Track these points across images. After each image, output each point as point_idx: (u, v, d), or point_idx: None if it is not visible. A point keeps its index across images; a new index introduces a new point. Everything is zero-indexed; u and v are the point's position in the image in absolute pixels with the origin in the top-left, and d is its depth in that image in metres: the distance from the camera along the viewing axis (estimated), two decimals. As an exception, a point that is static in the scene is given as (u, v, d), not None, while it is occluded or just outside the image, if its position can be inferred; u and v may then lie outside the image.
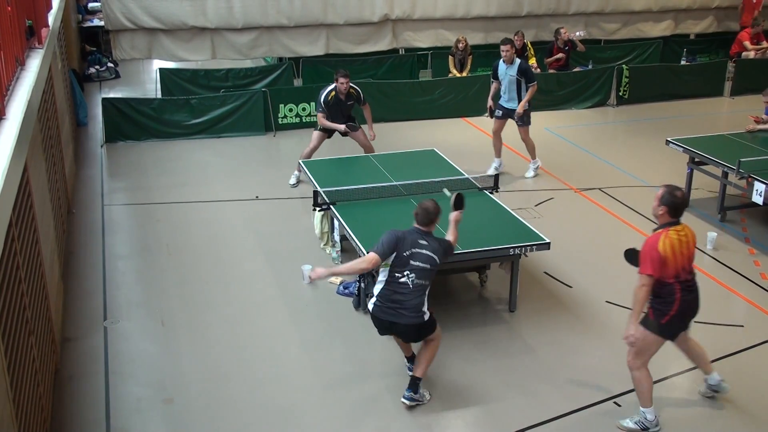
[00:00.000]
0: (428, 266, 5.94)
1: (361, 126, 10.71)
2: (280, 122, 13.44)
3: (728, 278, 8.39)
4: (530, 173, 11.26)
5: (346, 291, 7.91)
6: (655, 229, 5.69)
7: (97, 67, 17.02)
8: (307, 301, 7.92)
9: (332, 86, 10.42)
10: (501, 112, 11.27)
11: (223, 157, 12.16)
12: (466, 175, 8.90)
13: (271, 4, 14.19)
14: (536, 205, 10.17)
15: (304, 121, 13.57)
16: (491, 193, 8.51)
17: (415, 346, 6.46)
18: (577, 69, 15.43)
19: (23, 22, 6.95)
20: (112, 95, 14.61)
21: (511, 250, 7.20)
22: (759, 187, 8.82)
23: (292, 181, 10.86)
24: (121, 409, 6.16)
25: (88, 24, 18.31)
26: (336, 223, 8.20)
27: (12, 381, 4.63)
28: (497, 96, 11.34)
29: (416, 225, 6.08)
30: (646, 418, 5.90)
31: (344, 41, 15.15)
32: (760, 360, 6.96)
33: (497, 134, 11.34)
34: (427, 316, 6.01)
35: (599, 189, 10.84)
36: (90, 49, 17.53)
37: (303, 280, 8.15)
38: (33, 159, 6.51)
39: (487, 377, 6.61)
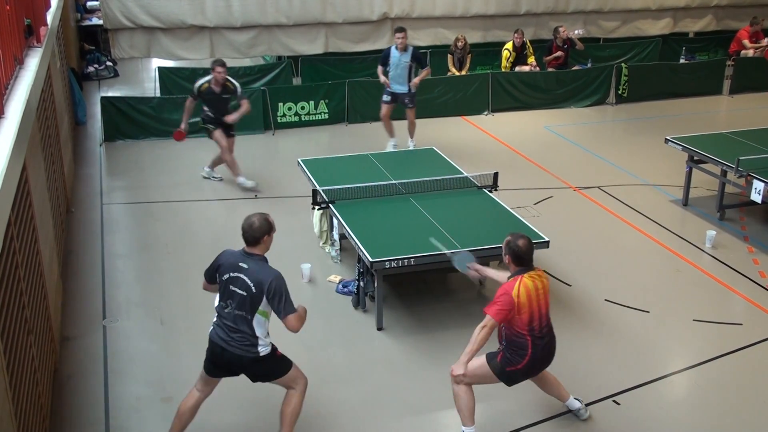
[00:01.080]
0: (244, 293, 5.24)
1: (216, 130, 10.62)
2: (279, 121, 13.43)
3: (727, 276, 8.39)
4: (390, 148, 11.85)
5: (345, 290, 7.91)
6: (509, 277, 5.45)
7: (96, 65, 17.01)
8: (306, 299, 7.91)
9: (209, 77, 10.46)
10: (389, 97, 11.85)
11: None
12: (465, 174, 8.90)
13: (270, 3, 14.19)
14: (535, 204, 10.17)
15: (303, 119, 13.56)
16: (490, 191, 8.51)
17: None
18: (576, 67, 15.43)
19: (22, 21, 6.95)
20: (111, 94, 14.60)
21: (510, 248, 7.19)
22: (758, 185, 8.82)
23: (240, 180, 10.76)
24: (120, 408, 6.17)
25: (87, 23, 18.30)
26: (335, 221, 8.20)
27: (11, 380, 4.63)
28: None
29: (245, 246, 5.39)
30: None
31: (343, 40, 15.15)
32: (760, 358, 6.96)
33: (386, 118, 11.96)
34: (263, 351, 5.34)
35: (598, 187, 10.84)
36: (89, 48, 17.52)
37: (302, 278, 8.15)
38: (32, 158, 6.50)
39: (486, 376, 6.61)
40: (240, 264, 5.35)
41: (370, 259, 6.84)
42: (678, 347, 7.17)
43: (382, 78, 11.81)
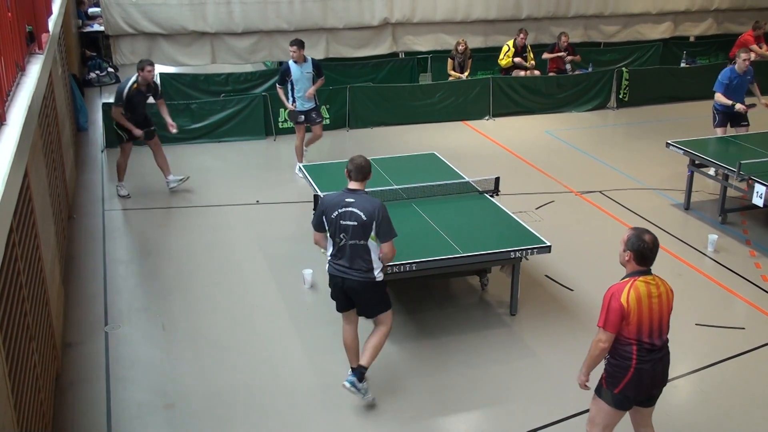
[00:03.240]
0: (356, 223, 5.87)
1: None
2: (280, 126, 13.44)
3: (729, 280, 8.38)
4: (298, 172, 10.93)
5: (347, 295, 7.90)
6: (623, 278, 4.94)
7: (98, 72, 17.04)
8: (308, 305, 7.92)
9: (135, 77, 10.25)
10: (303, 116, 11.21)
11: (224, 162, 12.17)
12: (467, 179, 8.90)
13: (271, 9, 14.21)
14: (537, 208, 10.16)
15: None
16: (492, 196, 8.51)
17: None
18: (577, 72, 15.45)
19: (23, 28, 6.95)
20: (112, 100, 14.58)
21: (512, 253, 7.20)
22: (759, 189, 8.82)
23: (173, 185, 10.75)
24: (122, 415, 6.16)
25: (88, 29, 18.32)
26: (336, 227, 8.19)
27: (13, 387, 4.63)
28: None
29: (351, 181, 6.04)
30: None
31: (344, 45, 15.17)
32: (762, 362, 6.95)
33: (302, 141, 11.38)
34: (379, 277, 6.01)
35: (600, 192, 10.84)
36: (90, 54, 17.54)
37: (304, 284, 8.15)
38: (33, 164, 6.51)
39: (488, 380, 6.61)
40: (346, 200, 5.94)
41: (372, 265, 6.84)
42: (680, 352, 7.15)
43: (288, 103, 11.11)
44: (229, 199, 10.59)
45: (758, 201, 8.87)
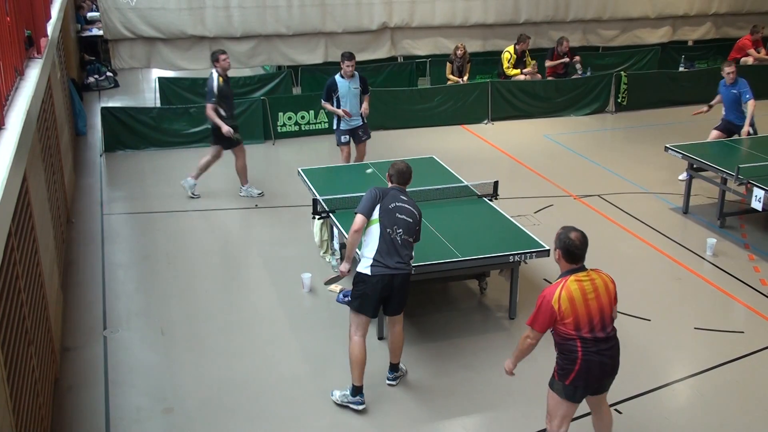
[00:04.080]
0: (410, 220, 6.10)
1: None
2: (279, 130, 13.45)
3: (728, 284, 8.38)
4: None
5: (346, 299, 7.85)
6: (558, 278, 5.04)
7: (96, 76, 17.04)
8: (307, 309, 7.92)
9: (214, 71, 10.20)
10: (348, 136, 10.53)
11: (222, 166, 12.12)
12: (465, 182, 8.90)
13: (270, 13, 14.23)
14: (535, 212, 10.17)
15: (303, 129, 13.59)
16: (490, 200, 8.51)
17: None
18: (575, 76, 15.47)
19: (22, 32, 6.96)
20: (111, 104, 14.63)
21: (511, 257, 7.20)
22: (758, 193, 8.82)
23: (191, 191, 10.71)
24: (120, 419, 6.15)
25: (87, 33, 18.35)
26: (335, 231, 8.20)
27: (12, 391, 4.62)
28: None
29: (393, 184, 6.35)
30: None
31: (343, 49, 15.10)
32: (761, 366, 6.95)
33: (348, 160, 10.64)
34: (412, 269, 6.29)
35: (598, 196, 10.84)
36: (89, 59, 17.55)
37: (303, 288, 8.15)
38: (32, 169, 6.51)
39: (487, 385, 6.60)
40: (401, 196, 6.19)
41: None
42: (679, 355, 7.16)
43: (338, 111, 10.31)
44: (229, 203, 10.59)
45: (757, 205, 8.87)
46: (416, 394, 6.48)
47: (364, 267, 6.09)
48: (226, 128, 10.15)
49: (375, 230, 6.06)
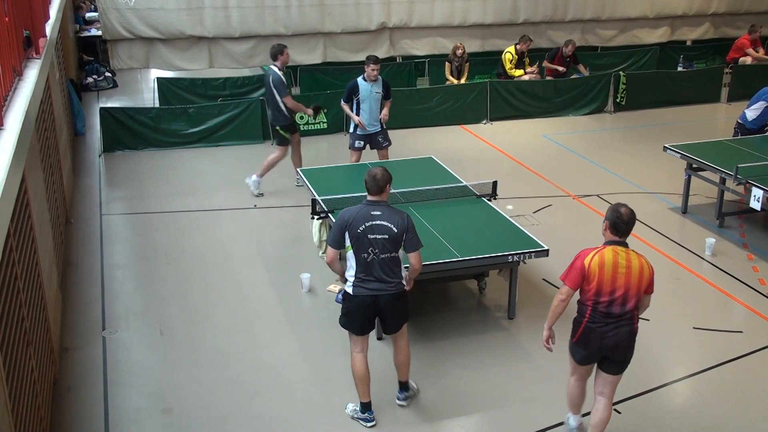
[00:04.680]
0: (386, 236, 5.68)
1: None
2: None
3: (727, 284, 8.39)
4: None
5: (345, 299, 7.88)
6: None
7: (95, 76, 17.03)
8: (306, 309, 7.92)
9: (275, 67, 10.37)
10: (363, 142, 10.39)
11: (221, 166, 12.17)
12: (464, 183, 8.90)
13: (269, 13, 14.23)
14: (534, 212, 10.17)
15: (302, 129, 13.53)
16: (489, 200, 8.51)
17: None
18: (574, 76, 15.48)
19: (21, 33, 6.96)
20: (109, 105, 14.62)
21: (510, 257, 7.20)
22: (757, 192, 8.83)
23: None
24: (119, 420, 6.15)
25: (86, 34, 18.34)
26: (334, 231, 8.19)
27: (11, 391, 4.62)
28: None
29: (367, 196, 5.85)
30: (569, 419, 5.95)
31: (341, 49, 15.19)
32: (760, 366, 6.95)
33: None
34: (405, 286, 5.91)
35: (597, 196, 10.85)
36: (87, 59, 17.55)
37: (302, 288, 8.15)
38: (31, 169, 6.51)
39: (486, 384, 6.61)
40: (371, 213, 5.73)
41: (370, 269, 6.83)
42: (678, 355, 7.17)
43: (356, 118, 10.25)
44: (227, 203, 10.59)
45: (755, 205, 8.88)
46: (420, 393, 6.48)
47: (348, 286, 5.89)
48: (309, 111, 10.79)
49: (351, 255, 5.78)
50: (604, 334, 5.31)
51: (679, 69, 16.99)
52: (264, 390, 6.53)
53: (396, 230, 5.69)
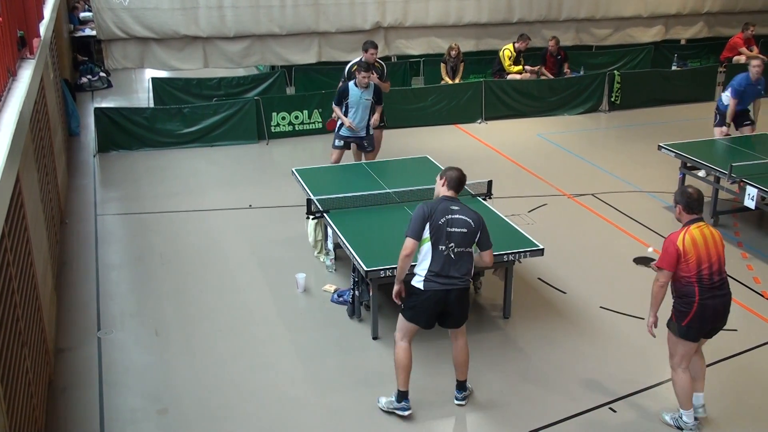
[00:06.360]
0: (465, 230, 5.84)
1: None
2: (273, 131, 13.44)
3: (721, 282, 8.40)
4: None
5: (340, 299, 7.90)
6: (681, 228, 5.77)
7: (89, 76, 17.00)
8: (301, 309, 7.92)
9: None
10: (344, 142, 10.32)
11: (216, 166, 12.16)
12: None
13: (263, 13, 14.21)
14: (529, 212, 10.18)
15: (297, 129, 13.57)
16: (484, 199, 8.52)
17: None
18: (568, 74, 15.50)
19: (15, 33, 6.94)
20: (104, 105, 14.60)
21: (505, 256, 7.21)
22: (751, 191, 8.86)
23: None
24: (115, 420, 6.14)
25: (80, 34, 18.28)
26: (329, 231, 8.20)
27: (5, 392, 4.61)
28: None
29: (445, 191, 6.03)
30: (682, 419, 6.00)
31: (336, 49, 15.18)
32: (755, 364, 6.98)
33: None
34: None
35: (592, 195, 10.86)
36: (82, 59, 17.50)
37: (297, 288, 8.15)
38: (25, 169, 6.50)
39: (482, 384, 6.61)
40: (451, 207, 5.89)
41: (365, 269, 6.84)
42: (673, 354, 7.17)
43: (347, 120, 10.04)
44: (222, 203, 10.58)
45: (750, 203, 8.90)
46: (411, 394, 6.47)
47: (417, 281, 5.91)
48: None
49: (426, 248, 5.85)
50: (716, 309, 5.69)
51: (674, 68, 17.03)
52: (259, 390, 6.52)
53: (474, 225, 5.89)
